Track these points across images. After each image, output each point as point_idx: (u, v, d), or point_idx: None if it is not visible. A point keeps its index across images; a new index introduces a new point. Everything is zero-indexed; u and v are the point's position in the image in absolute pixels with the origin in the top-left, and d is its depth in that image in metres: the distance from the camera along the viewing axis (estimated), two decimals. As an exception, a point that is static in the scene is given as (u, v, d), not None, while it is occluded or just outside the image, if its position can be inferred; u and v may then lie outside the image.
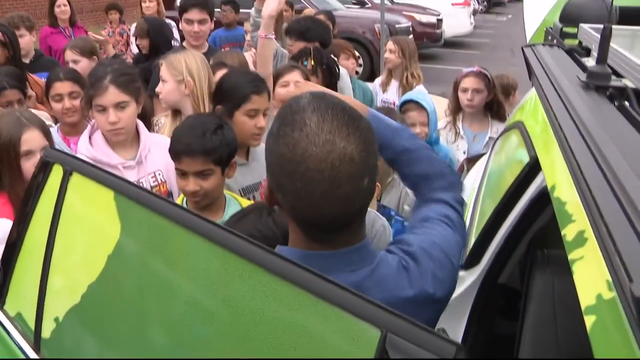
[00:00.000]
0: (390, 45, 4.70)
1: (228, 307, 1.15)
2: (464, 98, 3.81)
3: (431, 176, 1.62)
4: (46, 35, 6.52)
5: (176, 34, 6.35)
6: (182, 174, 2.21)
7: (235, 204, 2.36)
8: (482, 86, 3.77)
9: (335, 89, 3.86)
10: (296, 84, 3.06)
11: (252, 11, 3.92)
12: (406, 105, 3.55)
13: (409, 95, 3.74)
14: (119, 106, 2.49)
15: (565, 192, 1.29)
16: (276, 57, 4.10)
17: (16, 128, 2.46)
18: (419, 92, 4.08)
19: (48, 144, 2.46)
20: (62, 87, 3.20)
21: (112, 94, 2.47)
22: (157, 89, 2.93)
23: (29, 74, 4.19)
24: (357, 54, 4.60)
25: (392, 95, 4.72)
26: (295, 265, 1.02)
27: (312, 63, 3.70)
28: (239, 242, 1.10)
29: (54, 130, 3.03)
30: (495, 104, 3.86)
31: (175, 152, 2.20)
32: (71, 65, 4.19)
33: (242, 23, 6.50)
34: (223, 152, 2.22)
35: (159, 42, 4.95)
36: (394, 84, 4.74)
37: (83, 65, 4.14)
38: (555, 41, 2.22)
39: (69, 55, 4.24)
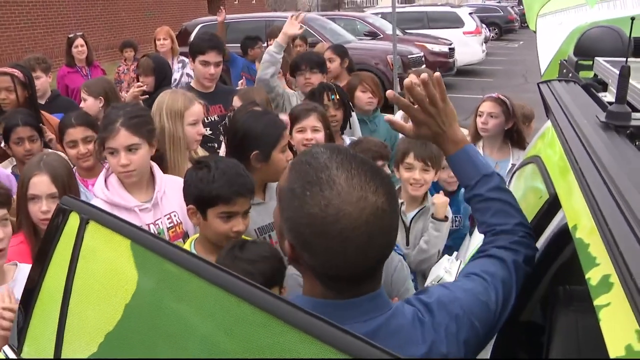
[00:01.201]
0: (414, 79, 4.70)
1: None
2: (479, 122, 3.84)
3: (497, 230, 1.60)
4: (63, 74, 6.64)
5: (190, 71, 6.43)
6: (228, 216, 2.20)
7: None
8: (497, 111, 3.77)
9: (348, 122, 3.90)
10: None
11: (273, 47, 4.05)
12: None
13: None
14: (130, 149, 2.49)
15: (588, 234, 1.26)
16: (282, 97, 4.16)
17: (29, 170, 2.51)
18: None
19: (56, 190, 2.48)
20: (76, 132, 3.22)
21: (122, 137, 2.48)
22: (201, 132, 3.15)
23: (44, 112, 4.26)
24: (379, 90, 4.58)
25: None
26: (313, 316, 0.99)
27: (338, 97, 3.75)
28: (260, 294, 1.08)
29: None
30: (515, 133, 3.86)
31: (228, 195, 2.18)
32: (82, 103, 4.28)
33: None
34: None
35: (161, 80, 5.03)
36: None
37: (88, 104, 4.22)
38: (570, 75, 2.21)
39: (82, 92, 4.35)
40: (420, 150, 3.03)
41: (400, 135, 4.67)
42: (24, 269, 2.31)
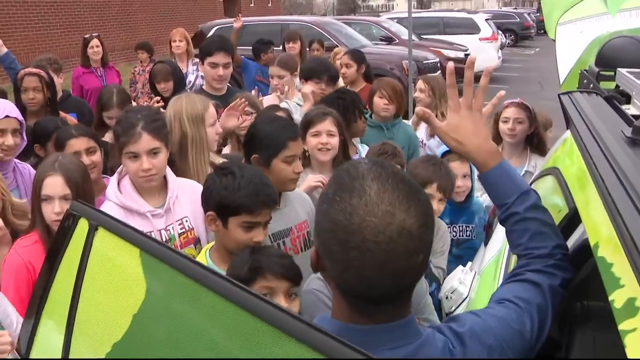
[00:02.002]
0: (420, 84, 4.69)
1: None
2: (505, 128, 3.77)
3: (535, 255, 1.53)
4: (78, 75, 6.66)
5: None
6: (249, 226, 2.16)
7: None
8: (523, 117, 3.74)
9: None
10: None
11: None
12: (447, 155, 3.47)
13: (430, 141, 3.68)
14: (152, 152, 2.47)
15: (611, 253, 1.21)
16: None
17: (43, 170, 2.49)
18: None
19: (69, 192, 2.44)
20: (78, 143, 3.09)
21: (145, 141, 2.44)
22: (219, 131, 3.13)
23: (63, 112, 4.27)
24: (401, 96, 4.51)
25: (421, 134, 4.66)
26: (332, 338, 0.95)
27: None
28: (268, 308, 1.05)
29: None
30: (535, 137, 3.81)
31: (254, 205, 2.14)
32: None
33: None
34: None
35: (178, 83, 5.00)
36: (424, 123, 4.70)
37: None
38: (591, 86, 2.16)
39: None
40: (443, 181, 2.94)
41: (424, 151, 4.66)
42: None
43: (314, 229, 1.21)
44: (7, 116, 3.12)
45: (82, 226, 1.58)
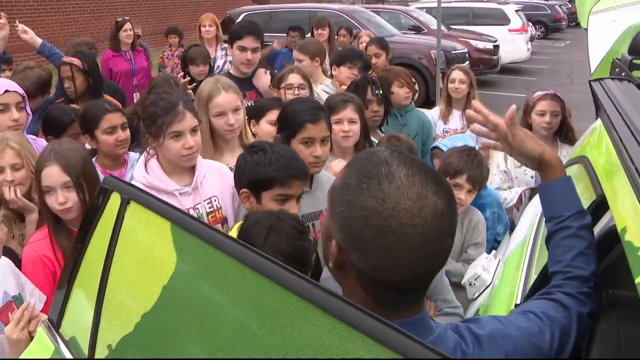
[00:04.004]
0: (461, 75, 4.66)
1: (283, 348, 1.11)
2: (541, 121, 3.68)
3: (572, 275, 1.52)
4: (107, 58, 6.71)
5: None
6: (283, 199, 2.21)
7: None
8: (559, 109, 3.68)
9: (386, 119, 3.86)
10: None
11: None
12: (434, 150, 3.55)
13: (440, 142, 3.68)
14: (192, 130, 2.50)
15: (638, 238, 1.22)
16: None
17: (41, 162, 2.45)
18: (453, 138, 3.99)
19: (69, 179, 2.38)
20: (115, 118, 3.18)
21: (188, 119, 2.49)
22: (230, 122, 2.95)
23: (106, 96, 4.33)
24: (414, 82, 4.53)
25: (455, 123, 4.66)
26: (361, 310, 0.95)
27: (381, 92, 3.72)
28: (297, 280, 1.06)
29: None
30: (565, 127, 3.75)
31: (285, 177, 2.19)
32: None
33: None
34: None
35: (210, 68, 5.05)
36: (456, 113, 4.71)
37: None
38: (623, 74, 2.14)
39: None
40: (474, 172, 2.96)
41: (439, 131, 4.66)
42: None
43: (335, 223, 1.16)
44: (7, 91, 3.16)
45: (115, 200, 1.61)
